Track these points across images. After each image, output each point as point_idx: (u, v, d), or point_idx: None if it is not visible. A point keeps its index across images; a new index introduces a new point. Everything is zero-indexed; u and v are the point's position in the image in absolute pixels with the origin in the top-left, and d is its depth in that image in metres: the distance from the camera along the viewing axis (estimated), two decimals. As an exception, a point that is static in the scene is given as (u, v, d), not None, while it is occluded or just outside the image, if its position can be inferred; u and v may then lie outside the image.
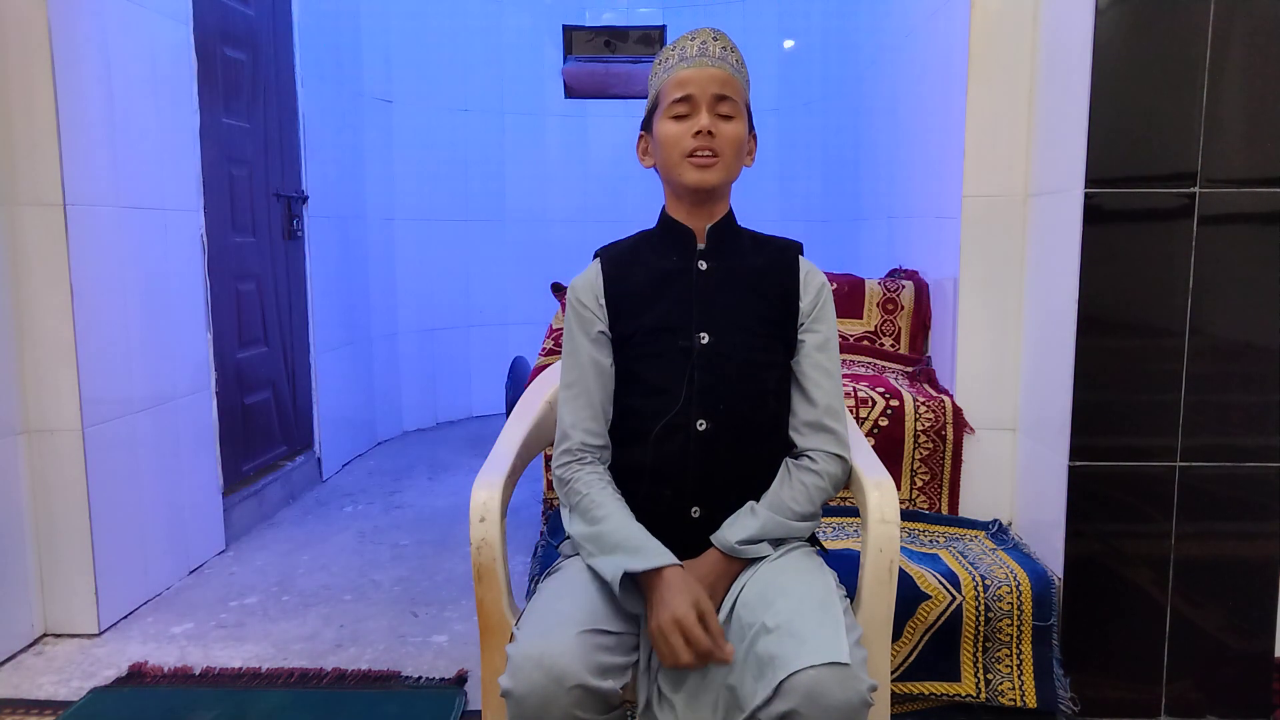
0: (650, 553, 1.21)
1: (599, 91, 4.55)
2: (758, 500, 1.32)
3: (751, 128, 1.36)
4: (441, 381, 4.51)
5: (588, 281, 1.38)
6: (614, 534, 1.24)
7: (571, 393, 1.35)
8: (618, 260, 1.39)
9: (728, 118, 1.30)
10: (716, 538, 1.28)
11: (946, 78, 2.28)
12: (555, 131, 4.62)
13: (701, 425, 1.30)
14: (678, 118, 1.31)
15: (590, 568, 1.26)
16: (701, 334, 1.31)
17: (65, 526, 2.19)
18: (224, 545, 2.81)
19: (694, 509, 1.31)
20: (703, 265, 1.35)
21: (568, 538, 1.37)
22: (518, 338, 4.36)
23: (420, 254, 4.34)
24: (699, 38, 1.32)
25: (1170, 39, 1.74)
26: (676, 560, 1.21)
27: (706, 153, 1.29)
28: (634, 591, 1.21)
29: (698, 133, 1.28)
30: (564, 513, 1.35)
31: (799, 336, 1.35)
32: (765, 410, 1.34)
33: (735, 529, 1.28)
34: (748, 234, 1.40)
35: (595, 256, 1.41)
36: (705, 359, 1.31)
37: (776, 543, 1.29)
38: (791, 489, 1.31)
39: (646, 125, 1.38)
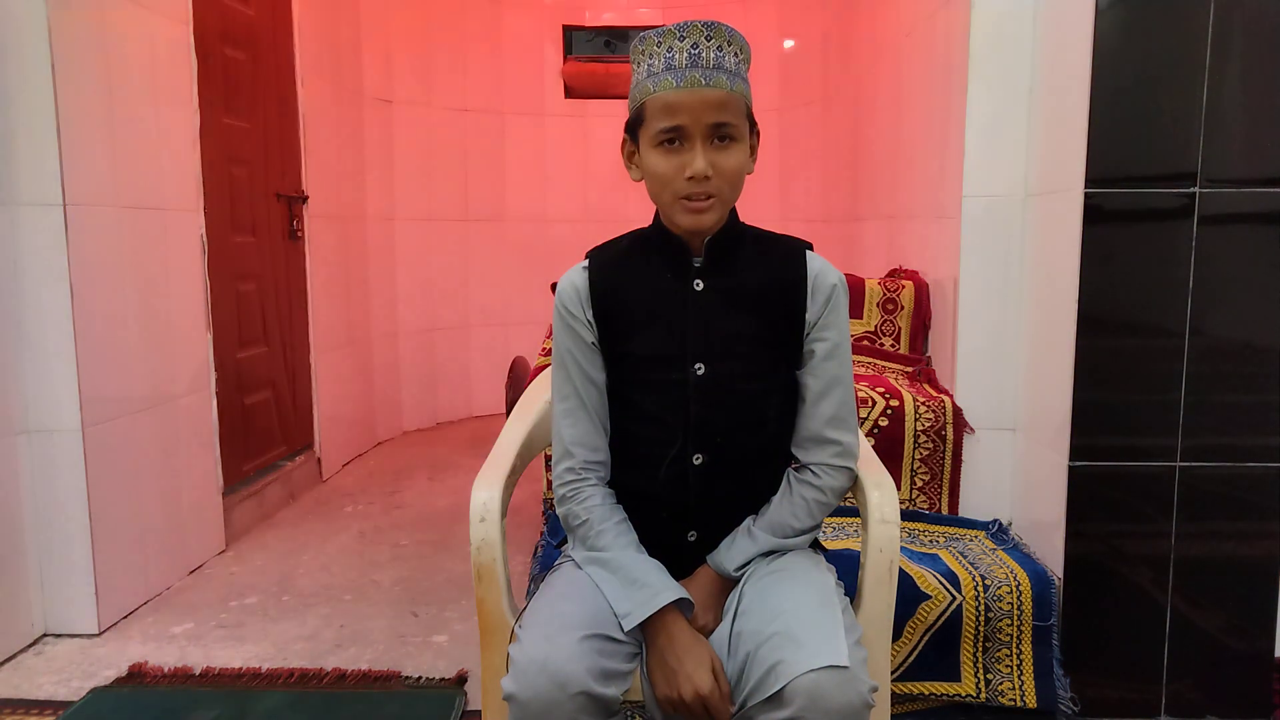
0: (654, 590, 1.17)
1: (599, 91, 4.56)
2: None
3: (753, 125, 1.22)
4: (441, 381, 4.51)
5: (574, 289, 1.27)
6: (613, 562, 1.21)
7: (567, 405, 1.28)
8: (607, 270, 1.28)
9: (725, 140, 1.16)
10: (713, 561, 1.26)
11: (946, 78, 2.28)
12: (555, 131, 4.61)
13: (698, 460, 1.25)
14: (667, 145, 1.16)
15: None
16: (697, 365, 1.23)
17: (65, 526, 2.19)
18: (224, 545, 2.81)
19: (690, 533, 1.28)
20: (699, 285, 1.24)
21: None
22: (518, 338, 4.36)
23: (420, 254, 4.34)
24: (690, 37, 1.15)
25: (1170, 39, 1.74)
26: (679, 591, 1.18)
27: (702, 196, 1.17)
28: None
29: (691, 176, 1.15)
30: (567, 533, 1.32)
31: (806, 347, 1.26)
32: (764, 435, 1.28)
33: (733, 553, 1.25)
34: (751, 235, 1.28)
35: (586, 258, 1.31)
36: (701, 391, 1.24)
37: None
38: (792, 505, 1.27)
39: (631, 130, 1.23)
